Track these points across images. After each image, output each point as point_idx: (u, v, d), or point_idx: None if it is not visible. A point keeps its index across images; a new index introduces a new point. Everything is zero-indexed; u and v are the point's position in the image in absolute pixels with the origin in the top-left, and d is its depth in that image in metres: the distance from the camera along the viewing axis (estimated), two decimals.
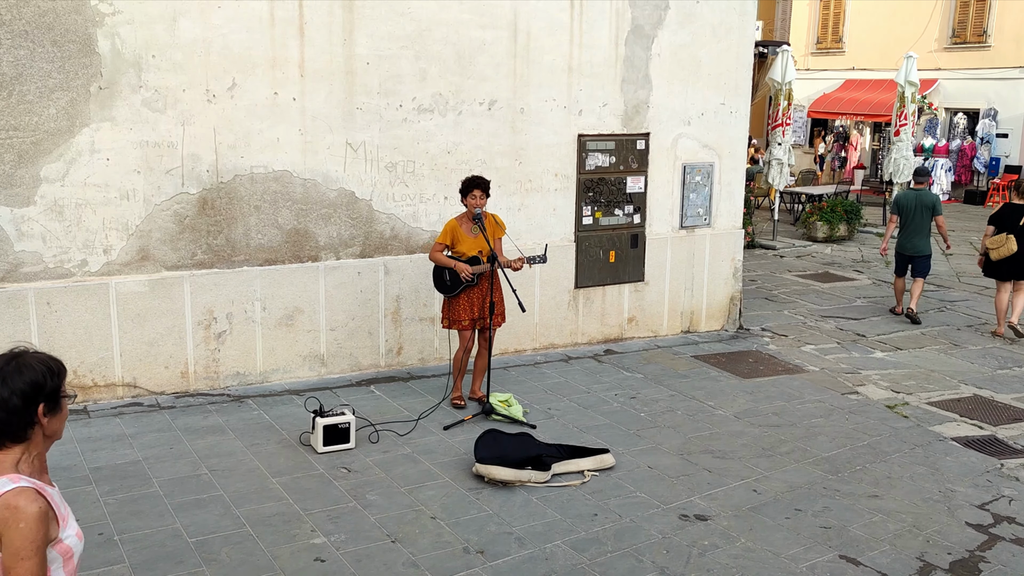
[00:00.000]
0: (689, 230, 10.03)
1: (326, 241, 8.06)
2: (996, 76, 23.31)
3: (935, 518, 5.97)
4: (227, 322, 7.77)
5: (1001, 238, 10.33)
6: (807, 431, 7.42)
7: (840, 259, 15.40)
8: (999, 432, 7.60)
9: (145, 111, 7.20)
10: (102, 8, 6.94)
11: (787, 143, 16.09)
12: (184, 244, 7.52)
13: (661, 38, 9.37)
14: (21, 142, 6.85)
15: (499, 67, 8.53)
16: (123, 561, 5.07)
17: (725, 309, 10.46)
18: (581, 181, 9.19)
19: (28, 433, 2.49)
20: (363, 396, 7.88)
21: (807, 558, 5.39)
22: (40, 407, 2.49)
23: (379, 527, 5.57)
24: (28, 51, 6.77)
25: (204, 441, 6.77)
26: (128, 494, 5.87)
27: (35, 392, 2.47)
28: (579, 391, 8.22)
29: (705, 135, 9.86)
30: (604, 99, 9.16)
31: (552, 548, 5.39)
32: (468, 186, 7.24)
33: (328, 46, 7.76)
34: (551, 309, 9.29)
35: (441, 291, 7.43)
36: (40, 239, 7.03)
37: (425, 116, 8.27)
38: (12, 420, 2.44)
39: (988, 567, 5.36)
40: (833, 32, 27.70)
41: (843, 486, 6.40)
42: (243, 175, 7.64)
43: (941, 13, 24.50)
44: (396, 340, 8.52)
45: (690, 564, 5.28)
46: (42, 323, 7.08)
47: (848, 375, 9.00)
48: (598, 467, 6.50)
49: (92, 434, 6.80)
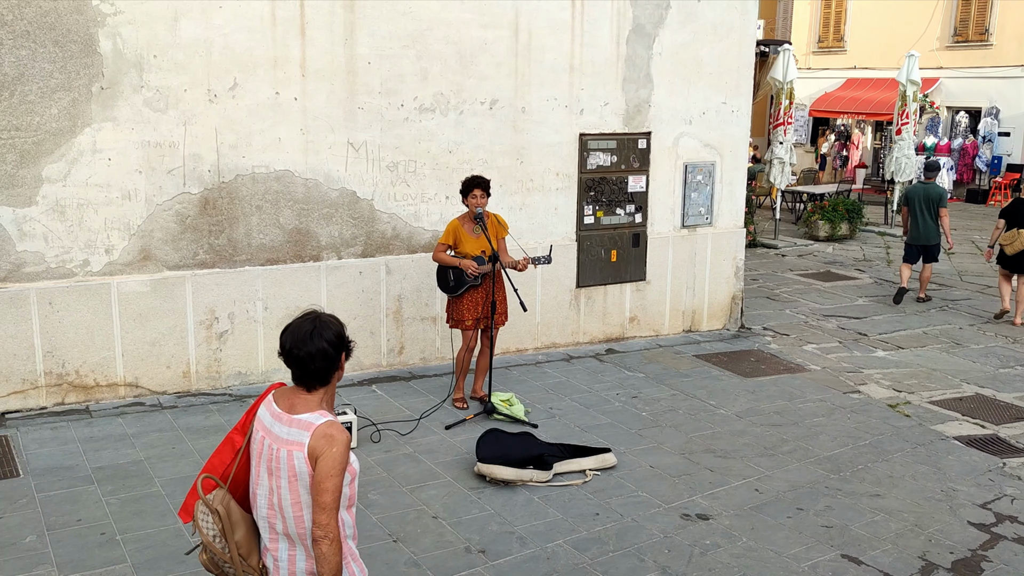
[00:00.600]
0: (691, 229, 10.02)
1: (328, 241, 8.07)
2: (998, 75, 23.30)
3: (937, 517, 5.97)
4: (229, 322, 7.77)
5: (1013, 233, 10.85)
6: (809, 430, 7.42)
7: (842, 258, 15.39)
8: (1001, 431, 7.59)
9: (147, 111, 7.21)
10: (104, 8, 6.94)
11: (788, 142, 16.09)
12: (186, 244, 7.52)
13: (662, 37, 9.36)
14: (23, 142, 6.86)
15: (500, 66, 8.53)
16: (125, 560, 5.07)
17: (727, 308, 10.46)
18: (583, 180, 9.19)
19: (331, 377, 3.06)
20: (365, 395, 7.89)
21: (809, 557, 5.39)
22: (343, 355, 3.07)
23: (381, 526, 5.58)
24: (30, 51, 6.77)
25: (206, 441, 6.77)
26: (130, 494, 5.88)
27: (340, 342, 3.05)
28: (581, 390, 8.22)
29: (706, 134, 9.86)
30: (605, 98, 9.15)
31: (554, 547, 5.39)
32: (468, 186, 7.23)
33: (329, 46, 7.76)
34: (553, 308, 9.29)
35: (445, 291, 7.43)
36: (42, 239, 7.04)
37: (426, 115, 8.28)
38: (327, 366, 3.02)
39: (990, 566, 5.36)
40: (835, 31, 27.69)
41: (845, 485, 6.40)
42: (245, 175, 7.64)
43: (943, 12, 24.49)
44: (398, 340, 8.53)
45: (692, 563, 5.28)
46: (44, 323, 7.09)
47: (850, 374, 9.00)
48: (600, 466, 6.50)
49: (94, 434, 6.81)
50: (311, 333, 3.00)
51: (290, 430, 2.98)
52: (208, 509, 3.09)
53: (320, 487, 2.90)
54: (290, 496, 2.97)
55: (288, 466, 2.95)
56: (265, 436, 3.04)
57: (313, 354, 2.98)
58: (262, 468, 3.04)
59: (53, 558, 5.07)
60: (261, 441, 3.06)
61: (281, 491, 2.98)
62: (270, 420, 3.05)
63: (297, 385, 3.06)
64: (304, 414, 2.99)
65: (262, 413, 3.11)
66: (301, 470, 2.94)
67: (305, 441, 2.93)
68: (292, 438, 2.96)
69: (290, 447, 2.95)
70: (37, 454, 6.43)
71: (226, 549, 3.09)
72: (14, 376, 7.07)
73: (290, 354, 3.01)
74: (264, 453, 3.03)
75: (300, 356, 2.98)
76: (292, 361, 3.01)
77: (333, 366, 3.04)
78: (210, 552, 3.12)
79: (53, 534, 5.33)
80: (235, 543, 3.08)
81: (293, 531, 3.01)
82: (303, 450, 2.93)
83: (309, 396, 3.04)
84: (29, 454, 6.42)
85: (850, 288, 13.01)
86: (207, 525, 3.09)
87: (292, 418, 2.99)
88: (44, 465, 6.25)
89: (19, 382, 7.10)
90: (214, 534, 3.09)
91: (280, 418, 3.02)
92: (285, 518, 3.01)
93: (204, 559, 3.17)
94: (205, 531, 3.08)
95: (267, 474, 3.02)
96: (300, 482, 2.95)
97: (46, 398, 7.21)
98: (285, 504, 2.99)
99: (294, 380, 3.06)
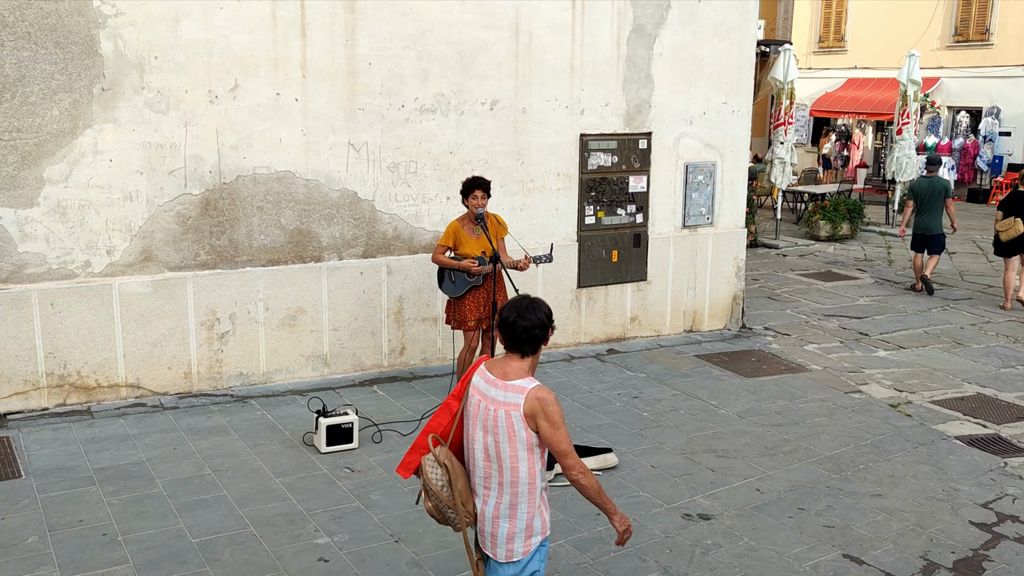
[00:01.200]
0: (692, 229, 10.03)
1: (329, 241, 8.07)
2: (999, 74, 23.28)
3: (939, 517, 5.96)
4: (230, 322, 7.78)
5: (1009, 221, 11.46)
6: (810, 430, 7.42)
7: (843, 258, 15.39)
8: (1003, 431, 7.59)
9: (148, 112, 7.22)
10: (104, 10, 6.95)
11: (789, 142, 16.08)
12: (187, 245, 7.53)
13: (663, 37, 9.37)
14: (24, 144, 6.87)
15: (501, 67, 8.53)
16: (127, 561, 5.08)
17: (728, 308, 10.46)
18: (583, 181, 9.19)
19: (539, 347, 3.63)
20: (366, 396, 7.89)
21: (810, 557, 5.39)
22: (549, 329, 3.63)
23: (382, 527, 5.58)
24: (31, 53, 6.78)
25: (207, 441, 6.78)
26: (132, 494, 5.88)
27: (549, 318, 3.64)
28: (582, 390, 8.22)
29: (707, 134, 9.86)
30: (606, 98, 9.16)
31: (555, 548, 5.39)
32: (469, 187, 7.23)
33: (330, 46, 7.76)
34: (554, 309, 9.17)
35: (447, 292, 7.41)
36: (44, 240, 7.05)
37: (427, 116, 8.28)
38: (540, 336, 3.58)
39: (992, 566, 5.36)
40: (835, 31, 27.67)
41: (846, 485, 6.40)
42: (246, 176, 7.65)
43: (943, 11, 24.48)
44: (399, 340, 8.53)
45: (693, 563, 5.28)
46: (46, 324, 7.10)
47: (851, 374, 9.00)
48: (601, 466, 6.50)
49: (96, 435, 6.82)
50: (530, 306, 3.60)
51: (505, 394, 3.54)
52: (437, 462, 3.65)
53: (553, 439, 3.51)
54: (508, 450, 3.53)
55: (506, 425, 3.52)
56: (481, 399, 3.60)
57: (533, 323, 3.56)
58: (477, 427, 3.61)
59: (55, 559, 5.08)
60: (477, 404, 3.62)
61: (499, 446, 3.54)
62: (485, 386, 3.60)
63: (511, 353, 3.63)
64: (516, 380, 3.55)
65: (476, 381, 3.67)
66: (518, 427, 3.50)
67: (520, 403, 3.50)
68: (508, 400, 3.52)
69: (507, 408, 3.52)
70: (39, 455, 6.44)
71: (451, 496, 3.63)
72: (16, 377, 7.08)
73: (513, 324, 3.57)
74: (480, 414, 3.59)
75: (523, 325, 3.55)
76: (512, 330, 3.57)
77: (543, 336, 3.61)
78: (435, 499, 3.67)
79: (55, 535, 5.34)
80: (458, 491, 3.64)
81: (507, 480, 3.59)
82: (519, 410, 3.50)
83: (521, 363, 3.60)
84: (31, 455, 6.43)
85: (851, 288, 13.01)
86: (436, 476, 3.64)
87: (507, 383, 3.55)
88: (46, 466, 6.26)
89: (21, 383, 7.11)
90: (441, 484, 3.64)
91: (495, 384, 3.57)
92: (502, 469, 3.58)
93: (429, 506, 3.72)
94: (434, 481, 3.64)
95: (482, 432, 3.59)
96: (517, 438, 3.52)
97: (48, 399, 7.22)
98: (504, 456, 3.55)
99: (508, 349, 3.62)
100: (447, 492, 3.65)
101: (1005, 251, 11.66)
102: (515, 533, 3.63)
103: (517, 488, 3.59)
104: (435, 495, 3.66)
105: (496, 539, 3.66)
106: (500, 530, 3.65)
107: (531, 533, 3.66)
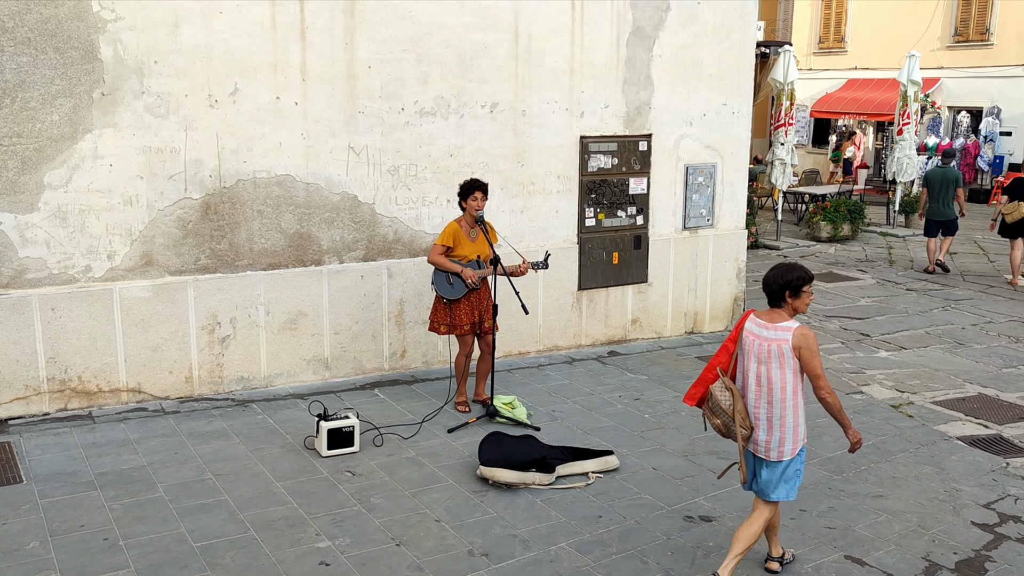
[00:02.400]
0: (692, 231, 10.02)
1: (329, 245, 8.07)
2: (999, 74, 23.28)
3: (940, 518, 5.96)
4: (231, 326, 7.78)
5: (1014, 205, 12.99)
6: (811, 431, 7.40)
7: (844, 259, 15.38)
8: (1004, 431, 7.58)
9: (148, 117, 7.22)
10: (104, 14, 6.96)
11: (790, 143, 16.08)
12: (187, 249, 7.53)
13: (662, 39, 9.37)
14: (24, 149, 6.87)
15: (500, 70, 8.54)
16: (128, 566, 5.07)
17: (729, 310, 10.45)
18: (583, 183, 9.19)
19: (794, 298, 4.77)
20: (367, 399, 7.89)
21: (812, 558, 5.38)
22: (787, 291, 4.76)
23: (384, 530, 5.58)
24: (31, 58, 6.79)
25: (208, 446, 6.78)
26: (133, 499, 5.88)
27: (800, 280, 4.77)
28: (583, 393, 8.21)
29: (707, 136, 9.86)
30: (606, 101, 9.16)
31: (557, 550, 5.39)
32: (469, 188, 7.23)
33: (330, 50, 7.77)
34: (555, 311, 9.29)
35: (443, 294, 7.36)
36: (44, 245, 7.05)
37: (427, 119, 8.28)
38: (791, 292, 4.76)
39: (994, 566, 5.35)
40: (835, 32, 27.68)
41: (848, 486, 6.39)
42: (246, 180, 7.65)
43: (943, 12, 24.48)
44: (400, 343, 8.53)
45: (695, 565, 5.27)
46: (46, 329, 7.10)
47: (852, 375, 8.99)
48: (602, 469, 6.50)
49: (97, 439, 6.82)
50: (786, 270, 4.79)
51: (776, 333, 4.77)
52: (725, 387, 4.87)
53: (810, 365, 4.74)
54: (778, 374, 4.77)
55: (778, 355, 4.75)
56: (755, 339, 4.83)
57: (784, 283, 4.76)
58: (751, 360, 4.85)
59: (56, 564, 5.08)
60: (752, 342, 4.85)
61: (771, 372, 4.78)
62: (758, 329, 4.83)
63: (772, 306, 4.84)
64: (783, 323, 4.77)
65: (749, 326, 4.89)
66: (787, 357, 4.74)
67: (789, 339, 4.73)
68: (779, 337, 4.75)
69: (779, 343, 4.75)
70: (40, 460, 6.44)
71: (734, 413, 4.81)
72: (17, 382, 7.08)
73: (772, 282, 4.80)
74: (754, 350, 4.83)
75: (779, 283, 4.77)
76: (771, 287, 4.80)
77: (796, 293, 4.76)
78: (723, 416, 4.86)
79: (56, 540, 5.34)
80: (738, 410, 4.81)
81: (776, 398, 4.79)
82: (788, 344, 4.72)
83: (782, 311, 4.81)
84: (32, 460, 6.43)
85: (852, 289, 13.00)
86: (724, 397, 4.85)
87: (776, 326, 4.78)
88: (47, 471, 6.26)
89: (22, 388, 7.11)
90: (729, 403, 4.84)
91: (765, 327, 4.81)
92: (771, 390, 4.79)
93: (717, 423, 4.91)
94: (723, 401, 4.84)
95: (756, 362, 4.83)
96: (786, 365, 4.75)
97: (49, 404, 7.22)
98: (774, 380, 4.78)
99: (770, 303, 4.85)
100: (733, 409, 4.82)
101: (1011, 232, 13.12)
102: (784, 439, 4.83)
103: (784, 404, 4.78)
104: (723, 412, 4.85)
105: (769, 445, 4.86)
106: (773, 438, 4.84)
107: (796, 438, 4.85)
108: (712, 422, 4.94)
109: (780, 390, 4.76)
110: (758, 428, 4.86)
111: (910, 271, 14.33)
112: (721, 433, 4.93)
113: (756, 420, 4.86)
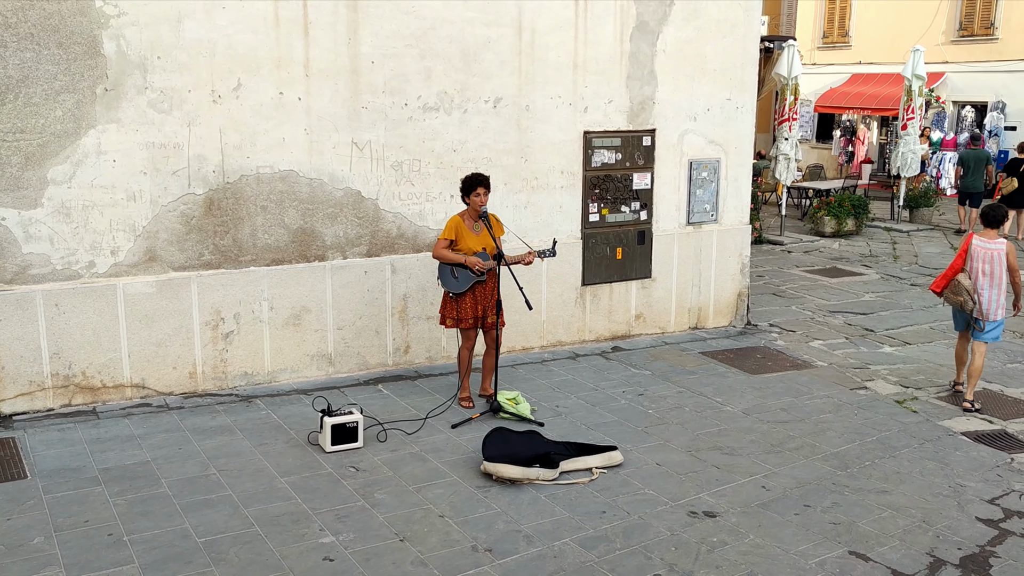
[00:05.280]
0: (696, 226, 10.01)
1: (333, 240, 8.07)
2: (1004, 69, 23.18)
3: (945, 513, 5.95)
4: (235, 322, 7.78)
5: (1009, 180, 16.31)
6: (816, 427, 7.40)
7: (848, 254, 15.35)
8: (1009, 426, 7.57)
9: (151, 112, 7.22)
10: (107, 10, 6.95)
11: (793, 138, 16.04)
12: (191, 245, 7.53)
13: (666, 34, 9.35)
14: (28, 144, 6.88)
15: (504, 65, 8.52)
16: (132, 561, 5.08)
17: (733, 305, 10.44)
18: (587, 178, 9.18)
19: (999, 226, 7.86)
20: (371, 395, 7.89)
21: (816, 554, 5.38)
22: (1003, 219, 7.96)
23: (387, 526, 5.58)
24: (34, 54, 6.79)
25: (213, 441, 6.78)
26: (137, 495, 5.89)
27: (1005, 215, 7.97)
28: (587, 388, 8.21)
29: (711, 131, 9.84)
30: (610, 96, 9.14)
31: (561, 546, 5.39)
32: (472, 183, 7.21)
33: (333, 45, 7.76)
34: (558, 306, 9.28)
35: (449, 288, 7.35)
36: (48, 241, 7.05)
37: (431, 114, 8.27)
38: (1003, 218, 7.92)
39: (999, 562, 5.34)
40: (839, 26, 27.60)
41: (852, 482, 6.39)
42: (249, 175, 7.65)
43: (948, 6, 24.39)
44: (403, 339, 8.53)
45: (699, 561, 5.27)
46: (50, 325, 7.11)
47: (857, 370, 8.98)
48: (606, 464, 6.50)
49: (101, 435, 6.83)
50: (999, 207, 7.73)
51: (996, 244, 7.71)
52: (968, 276, 7.79)
53: (1013, 268, 7.66)
54: (998, 269, 7.68)
55: (998, 259, 7.68)
56: (982, 248, 7.74)
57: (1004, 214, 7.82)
58: (979, 260, 7.75)
59: (61, 559, 5.08)
60: (979, 250, 7.76)
61: (992, 267, 7.69)
62: (983, 243, 7.75)
63: (987, 227, 7.79)
64: (998, 239, 7.74)
65: (976, 242, 7.79)
66: (1002, 260, 7.67)
67: (1003, 248, 7.67)
68: (997, 247, 7.69)
69: (998, 251, 7.69)
70: (44, 456, 6.45)
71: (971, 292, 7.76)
72: (21, 378, 7.09)
73: (992, 216, 7.76)
74: (982, 255, 7.74)
75: (992, 215, 7.77)
76: (994, 218, 7.75)
77: (1002, 222, 7.81)
78: (964, 294, 7.75)
79: (61, 535, 5.35)
80: (972, 289, 7.77)
81: (996, 283, 7.73)
82: (1002, 253, 7.67)
83: (994, 232, 7.77)
84: (36, 456, 6.44)
85: (856, 284, 12.98)
86: (967, 283, 7.75)
87: (994, 241, 7.74)
88: (51, 467, 6.27)
89: (26, 384, 7.12)
90: (969, 286, 7.75)
91: (988, 242, 7.73)
92: (992, 278, 7.72)
93: (959, 300, 7.82)
94: (966, 284, 7.75)
95: (981, 262, 7.73)
96: (1000, 264, 7.67)
97: (53, 400, 7.23)
98: (995, 273, 7.70)
99: (986, 227, 7.80)
100: (972, 288, 7.72)
101: (1010, 204, 15.99)
102: (997, 308, 7.76)
103: (1001, 288, 7.74)
104: (965, 291, 7.72)
105: (990, 309, 7.74)
106: (992, 305, 7.74)
107: (1000, 306, 7.78)
108: (955, 299, 7.83)
109: (999, 279, 7.69)
110: (981, 298, 7.72)
111: (915, 265, 14.30)
112: (958, 305, 7.82)
113: (980, 294, 7.72)
